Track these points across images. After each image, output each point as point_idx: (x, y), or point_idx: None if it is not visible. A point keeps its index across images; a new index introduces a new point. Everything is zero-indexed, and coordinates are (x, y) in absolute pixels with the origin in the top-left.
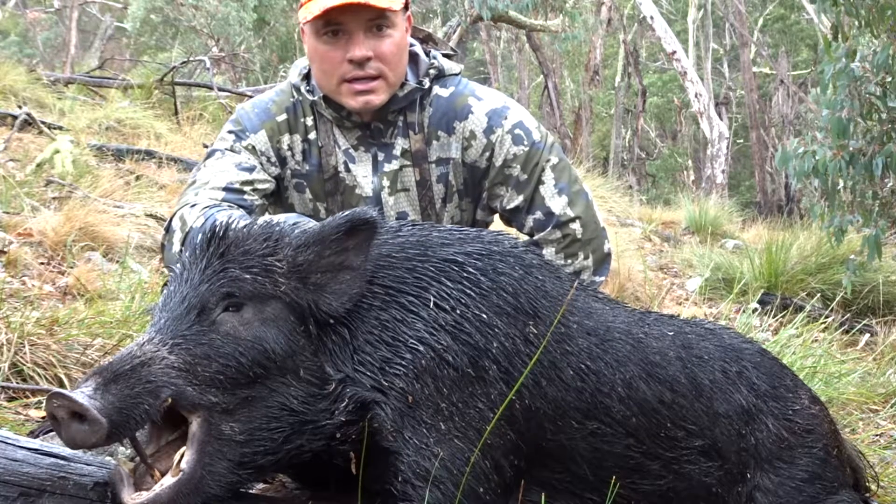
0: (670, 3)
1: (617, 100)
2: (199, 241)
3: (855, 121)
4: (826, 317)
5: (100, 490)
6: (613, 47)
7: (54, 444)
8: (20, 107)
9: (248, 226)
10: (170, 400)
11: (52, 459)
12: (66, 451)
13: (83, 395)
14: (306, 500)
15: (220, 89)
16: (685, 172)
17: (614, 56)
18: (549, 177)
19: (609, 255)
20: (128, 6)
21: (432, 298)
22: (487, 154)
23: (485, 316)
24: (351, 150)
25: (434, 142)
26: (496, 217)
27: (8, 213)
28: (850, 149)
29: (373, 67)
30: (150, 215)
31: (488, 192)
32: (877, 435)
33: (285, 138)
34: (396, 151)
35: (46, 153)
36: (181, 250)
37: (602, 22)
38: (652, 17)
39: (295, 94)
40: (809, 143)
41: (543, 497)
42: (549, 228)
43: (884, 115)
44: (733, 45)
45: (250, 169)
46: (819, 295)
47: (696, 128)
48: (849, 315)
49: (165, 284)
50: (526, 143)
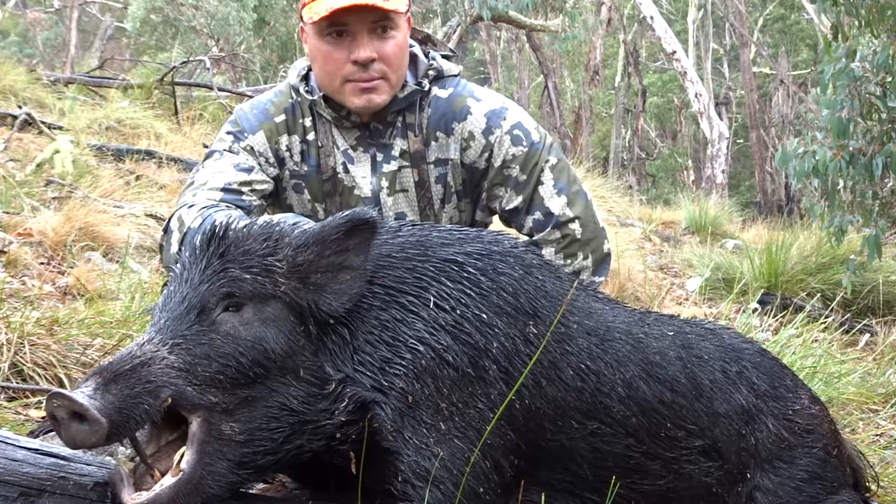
0: (670, 3)
1: (617, 100)
2: (199, 240)
3: (855, 121)
4: (826, 317)
5: (100, 490)
6: (613, 47)
7: (54, 444)
8: (20, 107)
9: (248, 226)
10: (170, 400)
11: (52, 459)
12: (66, 451)
13: (83, 395)
14: (306, 500)
15: (220, 89)
16: (685, 172)
17: (614, 56)
18: (548, 177)
19: (608, 255)
20: (128, 6)
21: (432, 298)
22: (486, 155)
23: (485, 316)
24: (350, 151)
25: (433, 143)
26: (495, 218)
27: (8, 213)
28: (850, 149)
29: (376, 69)
30: (150, 215)
31: (487, 193)
32: (877, 435)
33: (284, 139)
34: (395, 152)
35: (46, 153)
36: (179, 251)
37: (602, 22)
38: (652, 17)
39: (294, 95)
40: (809, 143)
41: (543, 497)
42: (549, 229)
43: (884, 115)
44: (733, 45)
45: (248, 170)
46: (819, 295)
47: (696, 128)
48: (849, 315)
49: (165, 284)
50: (525, 143)
